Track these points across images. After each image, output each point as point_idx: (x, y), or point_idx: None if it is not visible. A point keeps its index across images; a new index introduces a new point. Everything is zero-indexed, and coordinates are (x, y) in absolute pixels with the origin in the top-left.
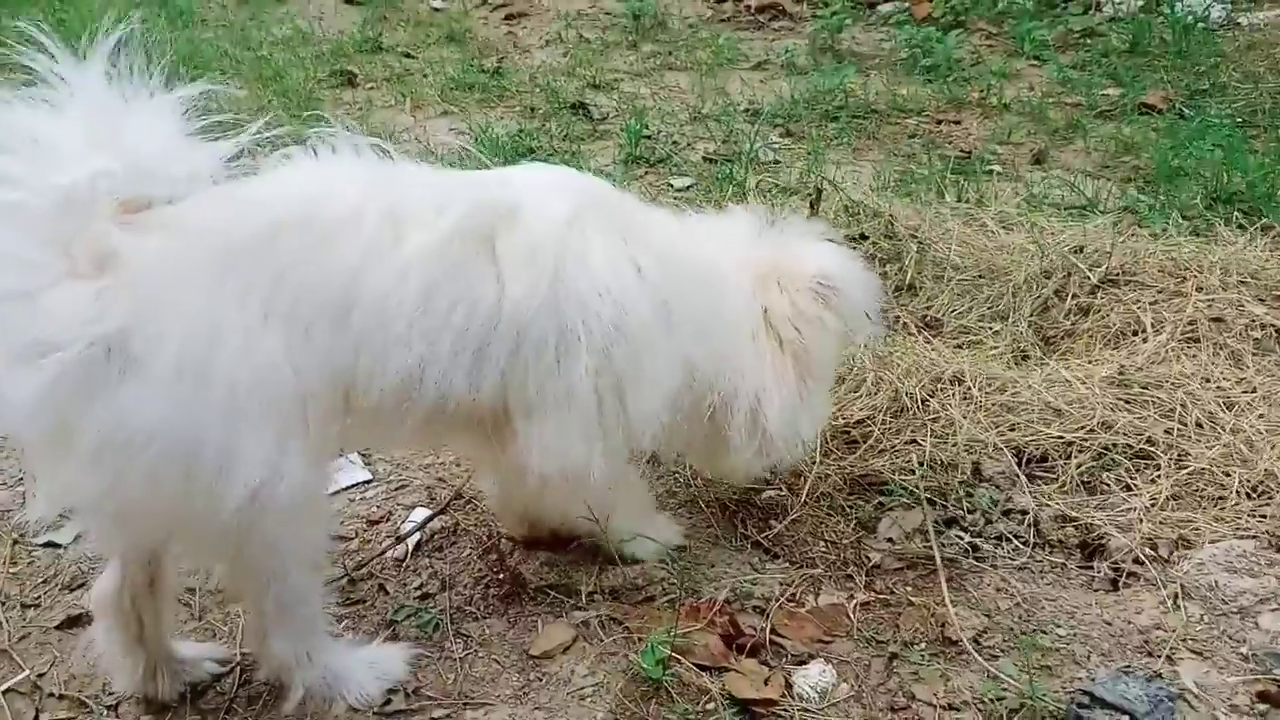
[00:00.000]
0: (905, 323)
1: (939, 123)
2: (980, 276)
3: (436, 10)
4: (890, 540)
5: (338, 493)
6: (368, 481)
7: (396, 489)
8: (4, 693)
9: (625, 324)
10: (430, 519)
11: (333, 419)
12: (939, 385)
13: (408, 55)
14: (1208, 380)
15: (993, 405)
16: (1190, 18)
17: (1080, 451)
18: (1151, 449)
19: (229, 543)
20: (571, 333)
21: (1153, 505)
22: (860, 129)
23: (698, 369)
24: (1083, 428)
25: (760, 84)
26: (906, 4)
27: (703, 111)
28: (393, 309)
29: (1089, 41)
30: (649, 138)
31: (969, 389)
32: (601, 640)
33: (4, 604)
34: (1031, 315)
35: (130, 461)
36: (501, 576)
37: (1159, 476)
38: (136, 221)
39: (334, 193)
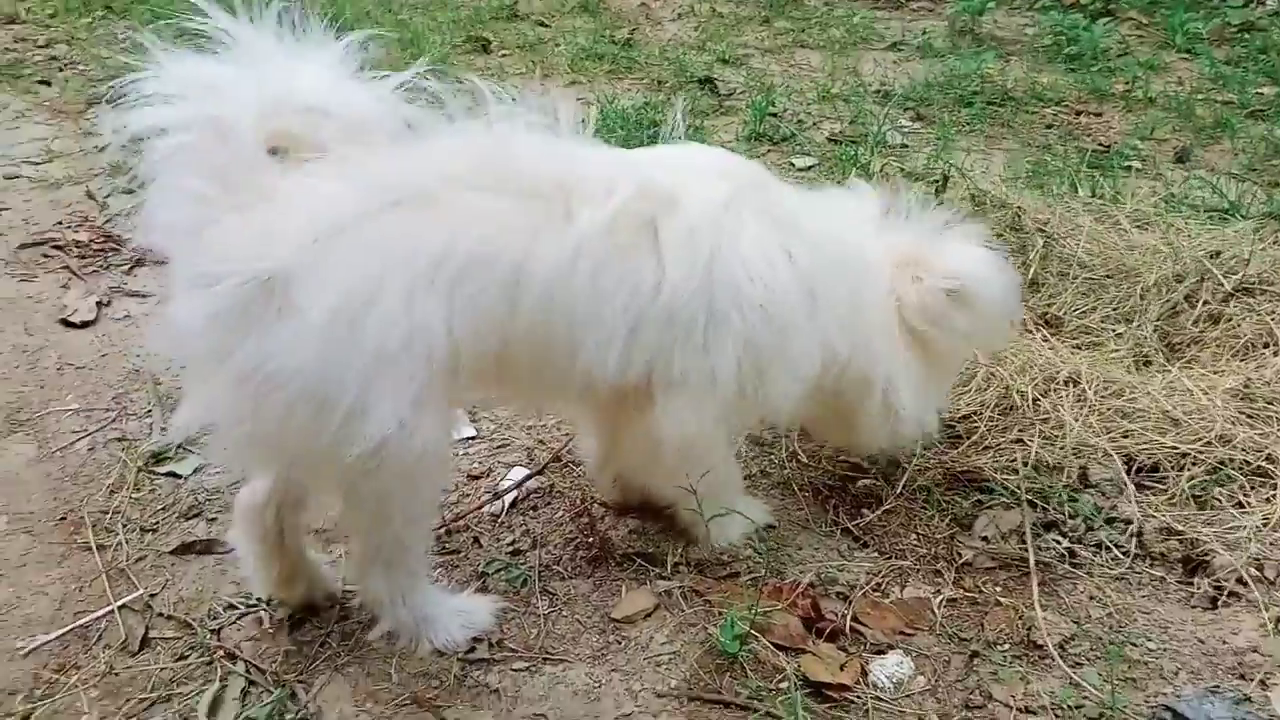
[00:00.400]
0: (1025, 319)
1: (1078, 114)
2: (1108, 276)
3: None
4: (985, 539)
5: None
6: (472, 438)
7: (498, 447)
8: (119, 609)
9: (773, 309)
10: (527, 479)
11: (478, 385)
12: (1052, 385)
13: (541, 24)
14: None
15: (1107, 410)
16: None
17: (1194, 464)
18: (1270, 467)
19: (346, 483)
20: (722, 315)
21: (1264, 525)
22: (995, 116)
23: (837, 353)
24: (1199, 439)
25: (894, 65)
26: None
27: (831, 91)
28: (560, 285)
29: (1246, 36)
30: (775, 115)
31: (1083, 391)
32: (682, 611)
33: (125, 526)
34: (1158, 319)
35: (270, 394)
36: (590, 540)
37: (1275, 496)
38: (311, 164)
39: (507, 161)
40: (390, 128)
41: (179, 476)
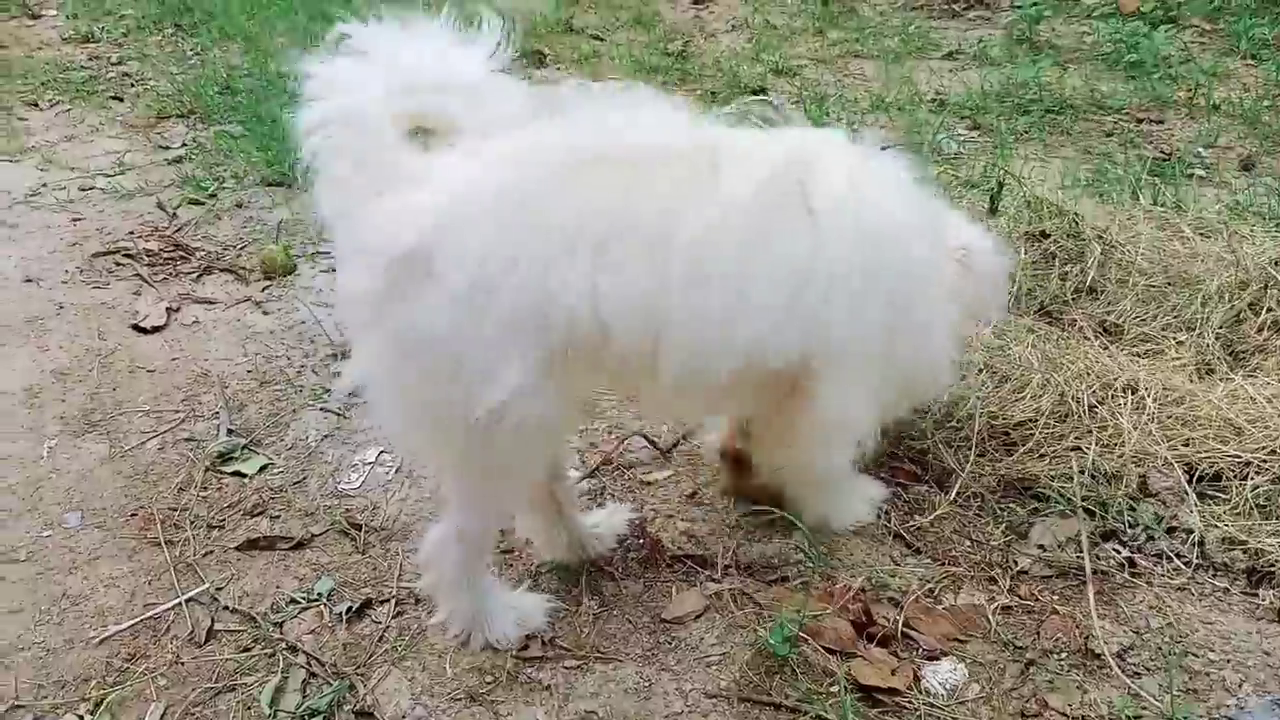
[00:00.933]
0: (1082, 326)
1: (1139, 121)
2: (1169, 283)
3: None
4: (1041, 547)
5: None
6: None
7: None
8: (186, 601)
9: (909, 268)
10: (579, 481)
11: (626, 368)
12: (1110, 392)
13: (596, 37)
14: None
15: (1167, 418)
16: None
17: (1258, 473)
18: None
19: (464, 448)
20: (873, 278)
21: None
22: (1054, 125)
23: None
24: (1263, 448)
25: (950, 74)
26: None
27: (885, 100)
28: (711, 248)
29: None
30: (828, 125)
31: (1143, 398)
32: (732, 613)
33: (193, 523)
34: (1220, 327)
35: (414, 356)
36: (642, 541)
37: None
38: (453, 148)
39: (645, 131)
40: (505, 96)
41: (244, 476)
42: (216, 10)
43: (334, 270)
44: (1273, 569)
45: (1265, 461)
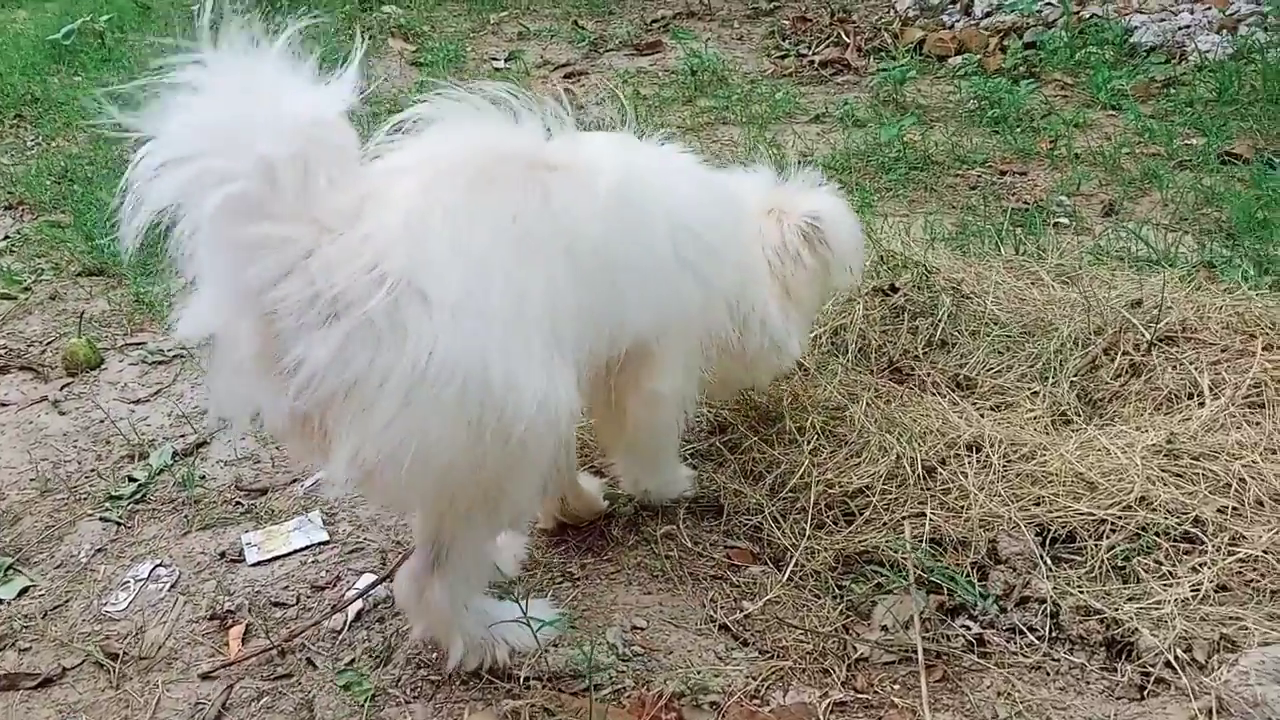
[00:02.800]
0: (934, 382)
1: (1003, 174)
2: (1024, 332)
3: (498, 70)
4: (884, 629)
5: (292, 554)
6: (324, 543)
7: (350, 552)
8: None
9: (709, 238)
10: (374, 585)
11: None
12: (953, 452)
13: None
14: (1273, 452)
15: (1015, 475)
16: None
17: (1113, 531)
18: (1198, 530)
19: (492, 474)
20: (680, 257)
21: (1194, 597)
22: (917, 180)
23: (741, 286)
24: (1118, 503)
25: (816, 136)
26: (978, 57)
27: (751, 162)
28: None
29: (1172, 91)
30: None
31: (988, 456)
32: None
33: None
34: (1076, 375)
35: (434, 399)
36: (435, 655)
37: (1204, 564)
38: (364, 170)
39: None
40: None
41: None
42: (64, 99)
43: (154, 362)
44: (1131, 640)
45: (1120, 518)
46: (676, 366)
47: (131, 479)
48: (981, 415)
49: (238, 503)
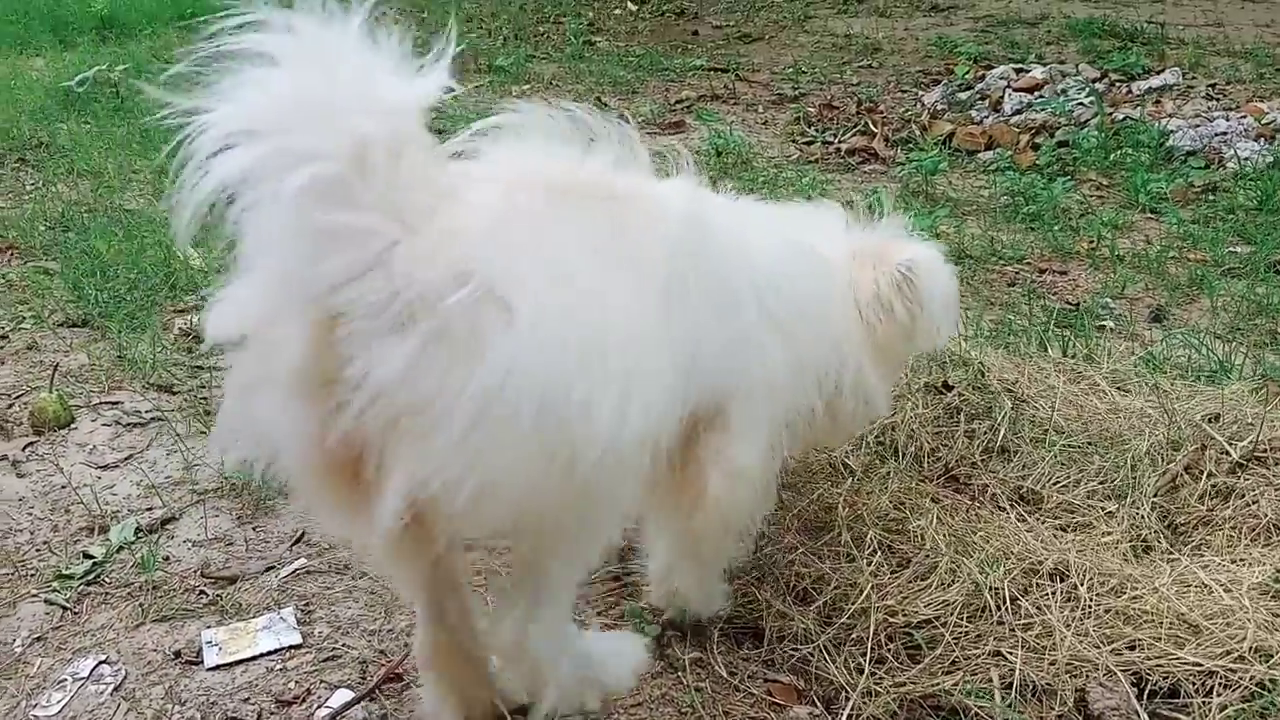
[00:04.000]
0: (995, 494)
1: (1042, 272)
2: (1090, 444)
3: None
4: None
5: (258, 657)
6: (296, 646)
7: (326, 660)
8: None
9: (790, 300)
10: (351, 704)
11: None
12: (1034, 579)
13: None
14: None
15: (1105, 612)
16: None
17: (1226, 687)
18: None
19: (563, 506)
20: (757, 314)
21: None
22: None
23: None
24: (1229, 653)
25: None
26: (1009, 153)
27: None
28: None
29: (1211, 197)
30: None
31: (1074, 586)
32: None
33: None
34: (1156, 495)
35: (509, 420)
36: None
37: None
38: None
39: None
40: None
41: None
42: (70, 145)
43: (129, 424)
44: None
45: (1232, 671)
46: (760, 438)
47: (87, 555)
48: (1055, 536)
49: (202, 591)
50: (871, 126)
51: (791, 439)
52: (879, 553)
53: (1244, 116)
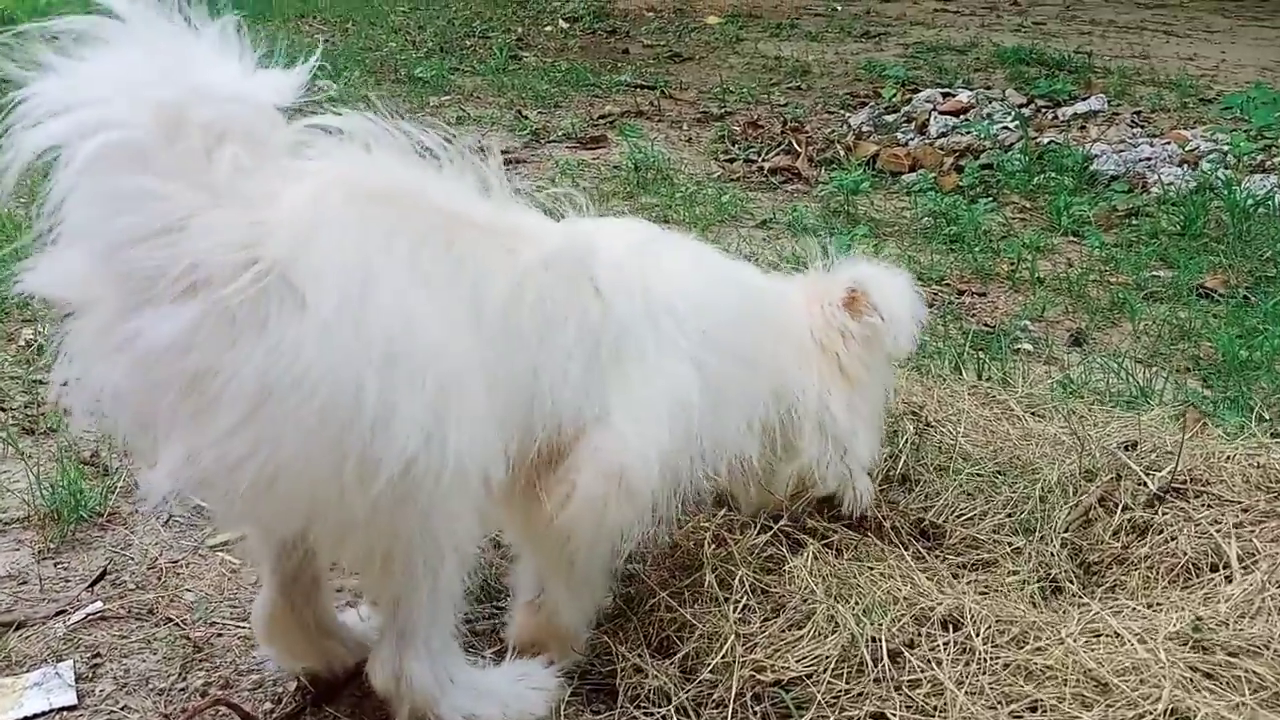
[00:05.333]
0: (894, 526)
1: (961, 293)
2: (999, 472)
3: None
4: None
5: None
6: (70, 709)
7: None
8: None
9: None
10: None
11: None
12: (924, 628)
13: None
14: None
15: (1004, 667)
16: (1251, 201)
17: None
18: None
19: (373, 526)
20: (670, 341)
21: None
22: None
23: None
24: (1141, 716)
25: (762, 242)
26: (933, 174)
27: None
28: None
29: (1134, 221)
30: None
31: (969, 637)
32: None
33: None
34: (1067, 530)
35: (291, 411)
36: None
37: None
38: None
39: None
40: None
41: None
42: None
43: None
44: None
45: None
46: (649, 445)
47: None
48: (955, 576)
49: None
50: (796, 146)
51: (704, 471)
52: (750, 596)
53: (1168, 143)
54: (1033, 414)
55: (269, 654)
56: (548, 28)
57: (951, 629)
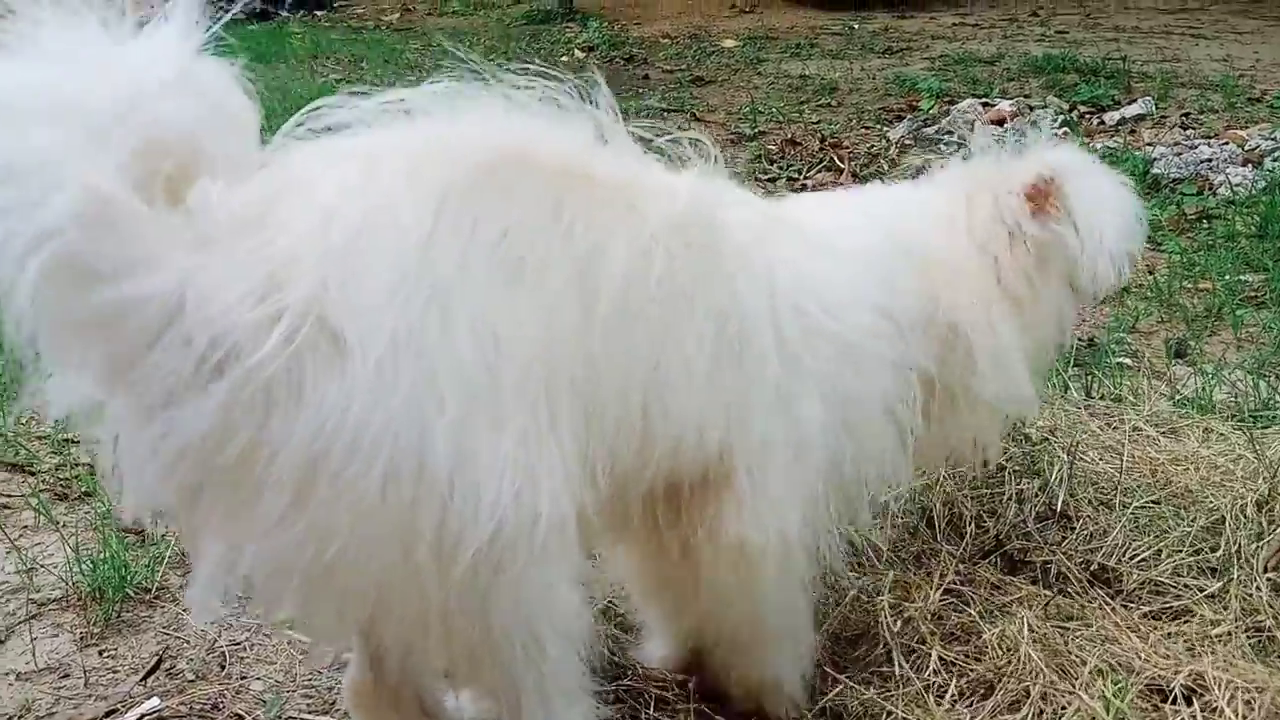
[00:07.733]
0: (1063, 573)
1: None
2: (1157, 502)
3: None
4: None
5: None
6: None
7: None
8: None
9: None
10: None
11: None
12: (1160, 702)
13: None
14: None
15: None
16: None
17: None
18: None
19: (459, 611)
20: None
21: None
22: None
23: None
24: None
25: None
26: None
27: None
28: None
29: (1206, 224)
30: None
31: (1216, 711)
32: None
33: None
34: (1267, 570)
35: (346, 487)
36: None
37: None
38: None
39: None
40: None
41: None
42: None
43: None
44: None
45: None
46: (780, 506)
47: None
48: (1150, 629)
49: None
50: (839, 162)
51: (855, 494)
52: (941, 673)
53: (1225, 143)
54: (1166, 434)
55: None
56: (564, 58)
57: (1191, 702)
